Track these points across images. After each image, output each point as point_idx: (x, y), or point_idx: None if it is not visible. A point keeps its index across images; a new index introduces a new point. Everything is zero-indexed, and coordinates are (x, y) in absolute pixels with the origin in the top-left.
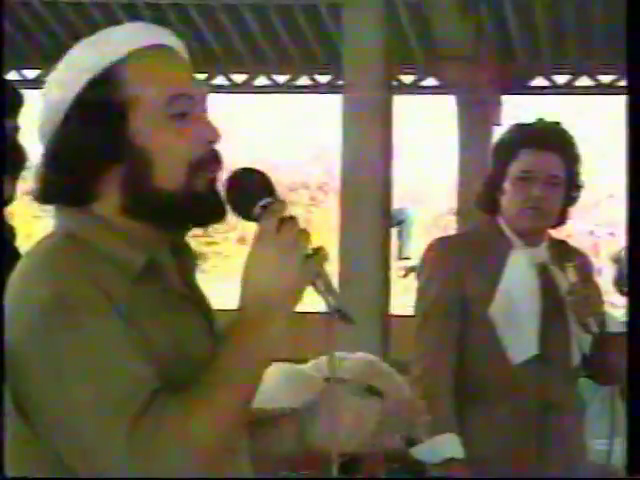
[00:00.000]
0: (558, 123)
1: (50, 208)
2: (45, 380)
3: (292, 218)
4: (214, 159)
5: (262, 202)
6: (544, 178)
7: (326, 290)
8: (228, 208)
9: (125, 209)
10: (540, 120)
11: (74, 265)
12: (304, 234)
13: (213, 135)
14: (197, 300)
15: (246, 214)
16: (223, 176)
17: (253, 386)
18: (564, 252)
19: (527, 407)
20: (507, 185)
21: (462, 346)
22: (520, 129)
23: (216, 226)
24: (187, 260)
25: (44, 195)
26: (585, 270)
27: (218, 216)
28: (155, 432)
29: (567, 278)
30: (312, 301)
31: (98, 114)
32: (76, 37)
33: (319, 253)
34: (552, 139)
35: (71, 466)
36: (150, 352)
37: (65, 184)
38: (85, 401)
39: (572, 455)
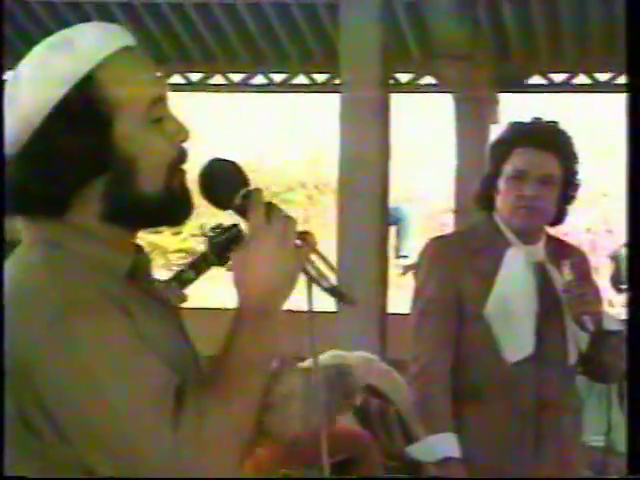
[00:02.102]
0: (554, 122)
1: None
2: (74, 389)
3: (275, 205)
4: (184, 157)
5: (242, 192)
6: (537, 177)
7: (318, 274)
8: (204, 200)
9: (105, 216)
10: (536, 119)
11: (74, 273)
12: (291, 221)
13: (185, 134)
14: (165, 301)
15: (224, 205)
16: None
17: (269, 367)
18: (561, 250)
19: (523, 406)
20: (502, 184)
21: (459, 345)
22: (515, 128)
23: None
24: (147, 262)
25: (19, 205)
26: (582, 268)
27: (189, 213)
28: (199, 425)
29: (563, 276)
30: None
31: (82, 123)
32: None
33: (307, 238)
34: (547, 138)
35: (102, 474)
36: (161, 347)
37: (47, 195)
38: (123, 401)
39: (569, 453)
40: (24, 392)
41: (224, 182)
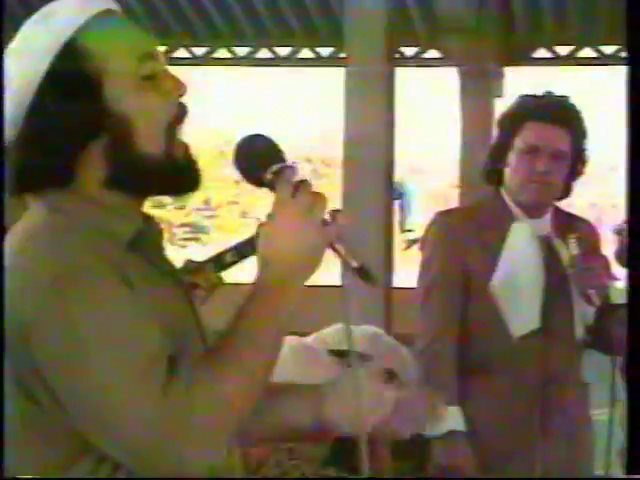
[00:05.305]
0: (566, 97)
1: None
2: (67, 355)
3: (305, 182)
4: (184, 113)
5: (273, 168)
6: (549, 152)
7: (346, 252)
8: (238, 175)
9: (108, 182)
10: (548, 93)
11: (74, 238)
12: (320, 197)
13: (182, 89)
14: (173, 273)
15: (257, 180)
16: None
17: (277, 347)
18: (569, 223)
19: (528, 380)
20: (512, 157)
21: (465, 319)
22: (527, 101)
23: (219, 200)
24: (157, 233)
25: (25, 183)
26: (590, 241)
27: (195, 183)
28: (187, 397)
29: (569, 251)
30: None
31: (71, 90)
32: None
33: (337, 216)
34: (559, 113)
35: (93, 442)
36: (158, 317)
37: (47, 167)
38: (111, 369)
39: (576, 428)
40: (23, 360)
41: (256, 158)
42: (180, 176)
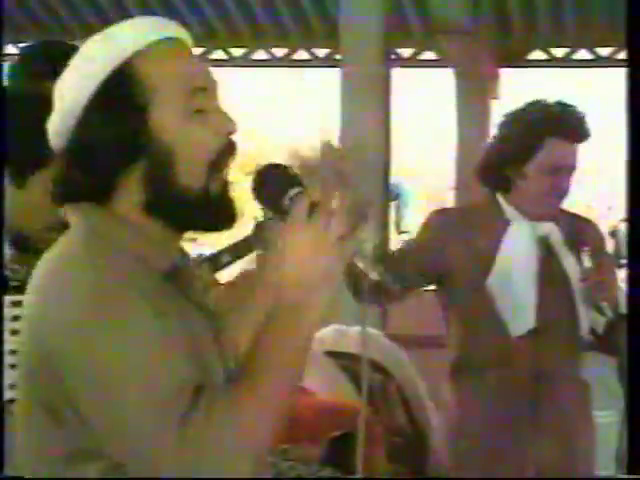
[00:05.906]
0: (584, 114)
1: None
2: (88, 381)
3: (322, 202)
4: (232, 150)
5: (290, 194)
6: (570, 170)
7: (365, 267)
8: (258, 205)
9: (145, 206)
10: (570, 108)
11: (107, 263)
12: (337, 215)
13: (232, 127)
14: (201, 304)
15: (277, 208)
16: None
17: (298, 371)
18: (572, 225)
19: (520, 377)
20: (531, 171)
21: (460, 318)
22: (551, 115)
23: None
24: (190, 266)
25: (64, 193)
26: (599, 246)
27: (230, 221)
28: (205, 427)
29: (583, 263)
30: None
31: (118, 111)
32: (71, 8)
33: (356, 230)
34: (580, 132)
35: (119, 463)
36: (188, 349)
37: (86, 181)
38: (132, 401)
39: (571, 426)
40: (51, 381)
41: (274, 187)
42: (214, 212)
